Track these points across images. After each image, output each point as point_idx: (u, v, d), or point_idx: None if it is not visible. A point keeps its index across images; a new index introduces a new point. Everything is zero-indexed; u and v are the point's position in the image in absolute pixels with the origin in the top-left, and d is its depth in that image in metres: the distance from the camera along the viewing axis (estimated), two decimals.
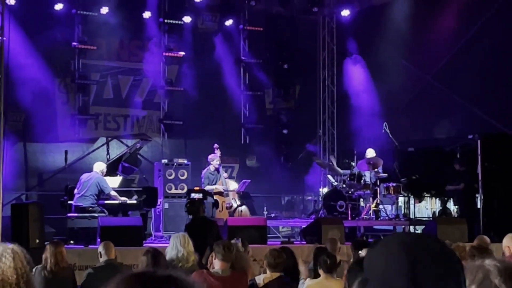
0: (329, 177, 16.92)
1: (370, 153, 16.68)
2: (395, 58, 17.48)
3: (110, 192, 13.56)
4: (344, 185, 16.44)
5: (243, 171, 18.43)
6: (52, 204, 13.79)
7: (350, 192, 16.27)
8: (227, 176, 16.19)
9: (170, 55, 18.00)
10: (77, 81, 16.92)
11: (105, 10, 16.61)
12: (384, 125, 16.55)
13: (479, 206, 15.93)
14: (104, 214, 13.14)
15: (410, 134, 17.20)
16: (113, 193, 13.61)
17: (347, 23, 18.23)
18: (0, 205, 12.11)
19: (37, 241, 11.17)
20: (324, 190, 16.54)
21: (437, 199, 17.81)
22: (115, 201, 13.64)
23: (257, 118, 19.09)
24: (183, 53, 18.13)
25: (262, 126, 19.09)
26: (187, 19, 17.89)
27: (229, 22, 18.31)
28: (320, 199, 16.53)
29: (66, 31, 16.33)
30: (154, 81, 18.18)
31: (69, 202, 13.43)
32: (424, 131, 17.17)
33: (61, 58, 16.17)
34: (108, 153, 16.96)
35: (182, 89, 18.24)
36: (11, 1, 12.84)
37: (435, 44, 16.51)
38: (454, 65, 16.80)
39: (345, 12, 18.30)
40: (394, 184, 16.20)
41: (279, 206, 18.36)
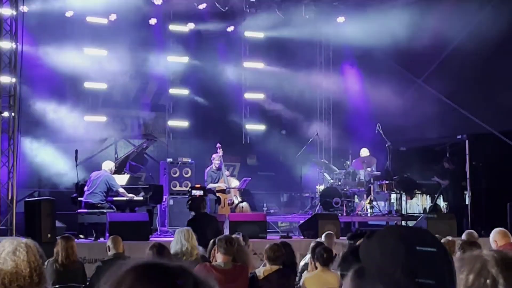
0: (326, 175, 16.93)
1: (364, 152, 16.69)
2: (388, 62, 17.48)
3: (119, 189, 13.57)
4: (340, 183, 16.46)
5: (244, 169, 18.42)
6: (63, 200, 13.80)
7: (345, 190, 16.29)
8: (229, 174, 16.20)
9: (175, 59, 18.00)
10: (87, 84, 16.93)
11: (113, 17, 16.62)
12: (378, 126, 16.55)
13: (467, 202, 15.96)
14: (113, 210, 13.14)
15: (402, 134, 17.19)
16: (121, 190, 13.61)
17: (342, 28, 18.21)
18: (14, 201, 12.14)
19: (49, 235, 11.17)
20: (321, 188, 16.53)
21: (428, 196, 17.81)
22: (123, 198, 13.64)
23: (257, 119, 19.11)
24: (187, 57, 18.14)
25: (262, 127, 19.11)
26: (191, 25, 17.90)
27: (230, 28, 18.30)
28: (317, 196, 16.52)
29: (76, 36, 16.33)
30: (160, 84, 18.19)
31: (79, 198, 13.43)
32: (415, 131, 17.15)
33: (71, 61, 16.15)
34: (116, 152, 16.97)
35: (186, 92, 18.25)
36: (24, 8, 12.81)
37: (426, 49, 16.50)
38: (443, 69, 16.79)
39: (341, 19, 18.31)
40: (387, 182, 16.22)
41: (278, 202, 18.35)
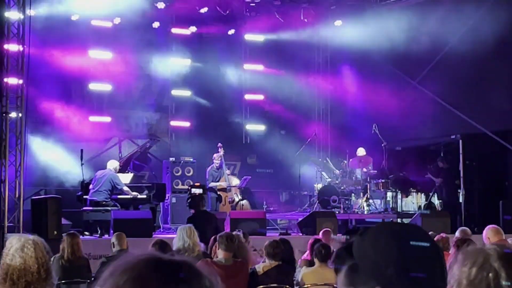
0: (324, 174, 16.93)
1: (361, 152, 16.71)
2: (384, 64, 17.49)
3: (123, 187, 13.58)
4: (337, 182, 16.47)
5: (244, 168, 18.42)
6: (69, 198, 13.78)
7: (342, 188, 16.30)
8: (229, 173, 16.21)
9: (177, 62, 18.00)
10: (92, 85, 16.93)
11: (117, 20, 16.62)
12: (374, 126, 16.56)
13: (460, 200, 15.96)
14: (117, 208, 13.15)
15: (397, 134, 17.19)
16: (125, 188, 13.62)
17: (340, 31, 18.21)
18: (21, 199, 12.13)
19: (55, 232, 11.17)
20: (319, 186, 16.53)
21: (423, 194, 17.81)
22: (127, 196, 13.65)
23: (257, 120, 19.12)
24: (189, 60, 18.14)
25: (262, 127, 19.11)
26: (192, 28, 17.90)
27: (231, 31, 18.30)
28: (315, 194, 16.52)
29: (81, 39, 16.33)
30: (163, 85, 18.19)
31: (84, 196, 13.44)
32: (411, 131, 17.16)
33: (77, 63, 16.16)
34: (120, 152, 16.97)
35: (188, 93, 18.25)
36: (31, 12, 12.81)
37: (421, 52, 16.51)
38: (438, 71, 16.80)
39: (338, 23, 18.32)
40: (383, 181, 16.23)
41: (277, 200, 18.35)
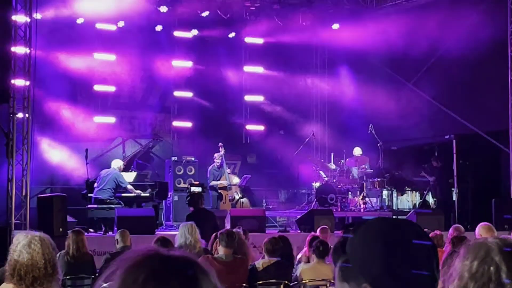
0: (321, 172, 16.93)
1: (357, 151, 16.72)
2: (380, 66, 17.49)
3: (127, 186, 13.58)
4: (334, 180, 16.47)
5: (244, 167, 18.42)
6: (74, 196, 13.79)
7: (339, 186, 16.30)
8: (230, 172, 16.21)
9: (179, 64, 18.00)
10: (97, 87, 16.93)
11: (121, 24, 16.63)
12: (370, 126, 16.57)
13: (454, 198, 15.97)
14: (121, 206, 13.15)
15: (393, 134, 17.20)
16: (129, 187, 13.63)
17: (337, 34, 18.21)
18: (28, 197, 12.14)
19: (60, 229, 11.17)
20: (317, 185, 16.53)
21: (417, 192, 17.81)
22: (130, 194, 13.65)
23: (257, 120, 19.12)
24: (191, 62, 18.14)
25: (262, 127, 19.12)
26: (194, 32, 17.90)
27: (232, 35, 18.30)
28: (313, 192, 16.53)
29: (86, 42, 16.33)
30: (166, 87, 18.18)
31: (89, 195, 13.44)
32: (406, 131, 17.16)
33: (82, 66, 16.17)
34: (124, 151, 16.98)
35: (190, 94, 18.25)
36: (37, 15, 12.82)
37: (416, 54, 16.51)
38: (432, 73, 16.80)
39: (335, 26, 18.31)
40: (379, 179, 16.24)
41: (276, 198, 18.36)
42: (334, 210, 14.75)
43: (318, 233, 9.57)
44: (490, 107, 15.33)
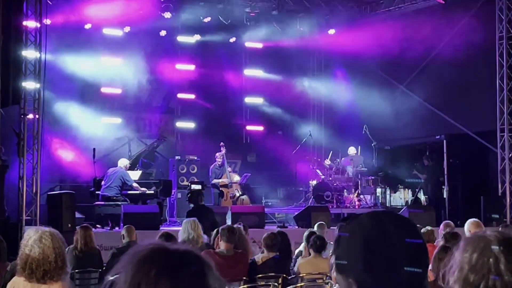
0: (318, 171, 16.94)
1: (352, 150, 16.73)
2: (374, 69, 17.50)
3: (132, 184, 13.58)
4: (330, 178, 16.48)
5: (244, 166, 18.43)
6: (83, 194, 13.80)
7: (335, 184, 16.31)
8: (231, 170, 16.21)
9: (182, 67, 18.00)
10: (104, 89, 16.94)
11: (127, 29, 16.64)
12: (364, 127, 16.58)
13: (444, 196, 15.99)
14: (127, 203, 13.15)
15: (386, 134, 17.20)
16: (134, 184, 13.63)
17: (333, 39, 18.22)
18: (38, 194, 12.15)
19: (69, 225, 11.17)
20: (314, 183, 16.54)
21: (409, 190, 17.83)
22: (136, 192, 13.65)
23: (256, 121, 19.13)
24: (193, 65, 18.14)
25: (261, 128, 19.12)
26: (197, 37, 17.91)
27: (232, 39, 18.30)
28: (310, 190, 16.53)
29: (94, 46, 16.33)
30: (169, 89, 18.18)
31: (97, 192, 13.45)
32: (398, 132, 17.17)
33: (90, 69, 16.17)
34: (130, 151, 16.97)
35: (193, 96, 18.25)
36: (47, 21, 12.83)
37: (408, 58, 16.52)
38: (424, 76, 16.81)
39: (331, 31, 18.33)
40: (373, 177, 16.26)
41: (275, 195, 18.36)
42: (330, 207, 14.77)
43: (315, 228, 9.59)
44: (479, 109, 15.35)
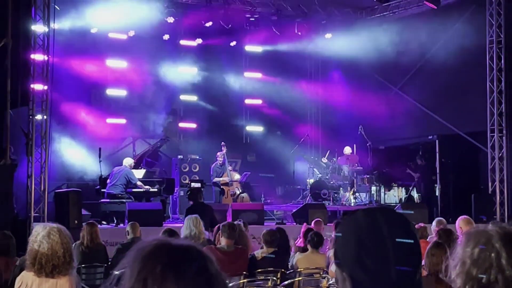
0: (315, 170, 16.94)
1: (347, 150, 16.73)
2: (369, 72, 17.50)
3: (137, 182, 13.57)
4: (327, 177, 16.48)
5: (244, 165, 18.43)
6: (89, 191, 13.78)
7: (332, 183, 16.31)
8: (231, 169, 16.20)
9: (185, 70, 17.99)
10: (109, 91, 16.93)
11: (132, 33, 16.62)
12: (360, 127, 16.57)
13: (437, 194, 15.99)
14: (131, 200, 13.14)
15: (381, 135, 17.21)
16: (139, 183, 13.62)
17: (330, 43, 18.21)
18: (46, 192, 12.14)
19: (76, 222, 11.17)
20: (311, 181, 16.54)
21: (403, 188, 17.82)
22: (140, 189, 13.64)
23: (256, 122, 19.13)
24: (196, 68, 18.13)
25: (260, 128, 19.12)
26: (199, 40, 17.90)
27: (233, 43, 18.30)
28: (307, 188, 16.53)
29: (99, 49, 16.32)
30: (172, 91, 18.17)
31: (102, 190, 13.43)
32: (393, 132, 17.18)
33: (95, 71, 16.16)
34: (134, 150, 16.97)
35: (195, 98, 18.25)
36: (55, 25, 12.82)
37: (402, 61, 16.52)
38: (417, 78, 16.81)
39: (328, 35, 18.32)
40: (368, 176, 16.26)
41: (274, 193, 18.36)
42: (327, 204, 14.77)
43: (313, 225, 9.59)
44: (470, 110, 15.36)
